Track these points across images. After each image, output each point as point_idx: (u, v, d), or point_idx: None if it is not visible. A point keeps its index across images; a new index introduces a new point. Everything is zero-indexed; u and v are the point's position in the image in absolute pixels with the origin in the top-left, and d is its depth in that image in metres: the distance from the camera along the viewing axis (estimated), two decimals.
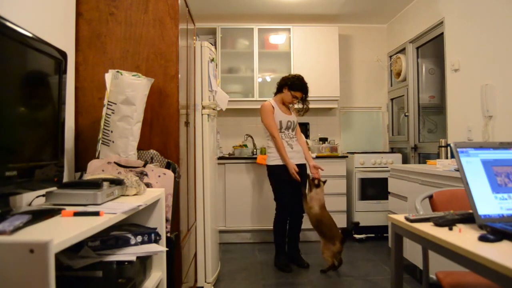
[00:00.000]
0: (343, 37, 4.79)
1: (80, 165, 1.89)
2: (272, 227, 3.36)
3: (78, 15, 1.99)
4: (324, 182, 3.24)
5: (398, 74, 4.47)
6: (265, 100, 4.40)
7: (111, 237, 1.29)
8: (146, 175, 1.68)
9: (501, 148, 1.32)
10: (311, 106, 3.43)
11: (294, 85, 3.28)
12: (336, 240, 3.07)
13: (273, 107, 3.30)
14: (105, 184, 1.31)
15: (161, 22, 2.02)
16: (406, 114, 4.35)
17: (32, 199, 1.34)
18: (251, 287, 2.93)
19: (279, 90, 3.38)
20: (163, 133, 2.01)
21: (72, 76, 1.95)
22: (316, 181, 3.21)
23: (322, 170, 3.35)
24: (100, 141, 1.72)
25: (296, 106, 3.46)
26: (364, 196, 4.23)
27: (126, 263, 1.26)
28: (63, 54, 1.28)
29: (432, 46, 4.04)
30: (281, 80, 3.39)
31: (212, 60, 2.94)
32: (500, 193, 1.23)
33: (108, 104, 1.72)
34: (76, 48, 1.98)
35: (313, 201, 3.17)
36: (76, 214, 1.07)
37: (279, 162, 3.26)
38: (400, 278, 1.44)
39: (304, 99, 3.34)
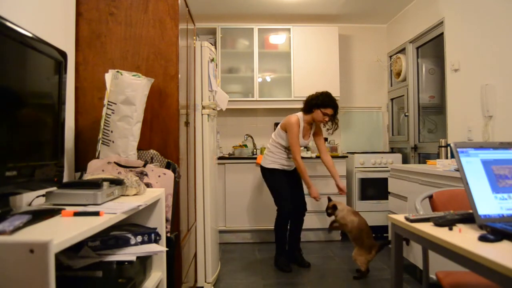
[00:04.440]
0: (343, 37, 4.79)
1: (80, 165, 1.89)
2: (272, 227, 3.36)
3: (78, 15, 1.99)
4: (330, 200, 3.23)
5: (398, 74, 4.47)
6: (265, 100, 4.50)
7: (111, 237, 1.29)
8: (146, 175, 1.68)
9: (501, 148, 1.32)
10: None
11: (324, 103, 3.22)
12: (373, 249, 3.00)
13: (299, 127, 3.26)
14: (105, 184, 1.31)
15: (161, 22, 2.02)
16: (406, 114, 4.35)
17: (32, 199, 1.34)
18: (251, 287, 2.93)
19: (309, 111, 3.28)
20: (163, 133, 2.01)
21: (72, 76, 1.95)
22: (329, 209, 3.18)
23: (343, 193, 3.39)
24: (100, 141, 1.72)
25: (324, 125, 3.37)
26: (364, 196, 4.23)
27: (126, 263, 1.26)
28: (63, 54, 1.28)
29: (432, 46, 4.03)
30: (308, 100, 3.30)
31: (212, 60, 2.94)
32: (500, 193, 1.23)
33: (108, 104, 1.72)
34: (76, 48, 1.98)
35: (347, 215, 3.09)
36: (76, 214, 1.07)
37: (275, 166, 3.29)
38: (400, 278, 1.44)
39: (334, 116, 3.26)
